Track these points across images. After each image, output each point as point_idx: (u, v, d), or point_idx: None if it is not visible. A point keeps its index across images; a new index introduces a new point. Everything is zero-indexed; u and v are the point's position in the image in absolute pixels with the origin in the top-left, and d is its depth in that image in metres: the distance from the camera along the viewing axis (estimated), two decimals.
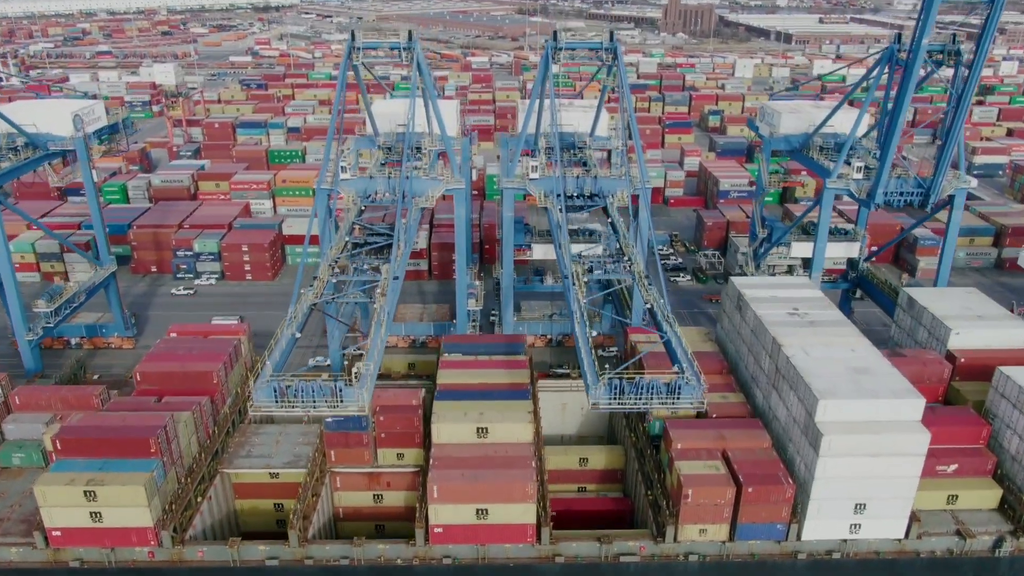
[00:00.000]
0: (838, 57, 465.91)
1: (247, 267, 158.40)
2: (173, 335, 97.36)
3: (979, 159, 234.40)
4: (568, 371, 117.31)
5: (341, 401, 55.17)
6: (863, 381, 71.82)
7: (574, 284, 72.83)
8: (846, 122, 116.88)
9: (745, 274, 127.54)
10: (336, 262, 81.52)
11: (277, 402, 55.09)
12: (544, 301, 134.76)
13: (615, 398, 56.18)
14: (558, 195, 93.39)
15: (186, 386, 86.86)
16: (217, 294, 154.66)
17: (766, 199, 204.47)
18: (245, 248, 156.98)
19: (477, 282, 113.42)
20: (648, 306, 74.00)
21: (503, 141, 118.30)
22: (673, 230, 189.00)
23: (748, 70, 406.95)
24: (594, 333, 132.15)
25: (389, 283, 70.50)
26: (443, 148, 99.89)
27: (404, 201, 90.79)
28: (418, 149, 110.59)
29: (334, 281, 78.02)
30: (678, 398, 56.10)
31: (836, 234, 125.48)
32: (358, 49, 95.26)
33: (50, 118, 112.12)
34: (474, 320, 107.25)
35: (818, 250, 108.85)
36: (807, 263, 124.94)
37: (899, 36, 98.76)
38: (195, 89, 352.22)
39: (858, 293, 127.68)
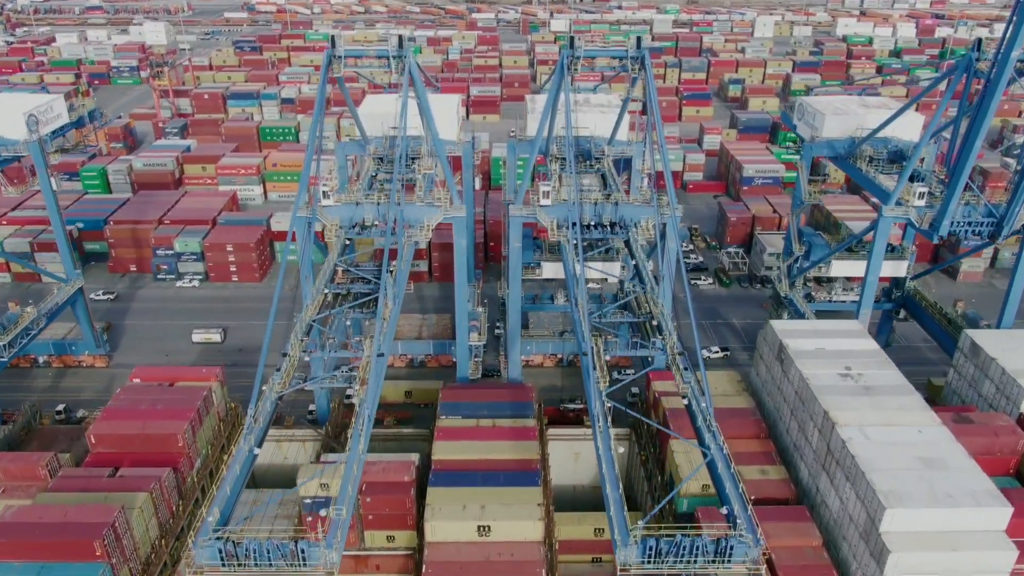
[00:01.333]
0: (862, 14, 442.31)
1: (232, 268, 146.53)
2: (136, 381, 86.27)
3: None
4: (580, 406, 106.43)
5: (304, 563, 44.14)
6: (936, 480, 60.38)
7: (595, 367, 60.80)
8: (900, 127, 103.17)
9: (778, 294, 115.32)
10: (305, 336, 68.24)
11: (224, 564, 44.10)
12: (554, 314, 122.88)
13: (650, 560, 44.92)
14: (573, 224, 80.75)
15: (148, 449, 76.44)
16: (200, 298, 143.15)
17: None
18: (230, 248, 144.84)
19: (480, 309, 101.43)
20: (685, 401, 61.95)
21: (510, 147, 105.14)
22: (692, 222, 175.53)
23: (768, 28, 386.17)
24: (607, 356, 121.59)
25: (372, 362, 58.63)
26: (440, 175, 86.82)
27: (395, 233, 78.44)
28: (414, 160, 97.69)
29: (307, 358, 65.94)
30: (729, 560, 44.90)
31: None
32: (339, 58, 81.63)
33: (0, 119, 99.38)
34: (476, 357, 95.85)
35: (868, 285, 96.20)
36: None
37: (979, 43, 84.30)
38: (186, 51, 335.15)
39: (901, 313, 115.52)
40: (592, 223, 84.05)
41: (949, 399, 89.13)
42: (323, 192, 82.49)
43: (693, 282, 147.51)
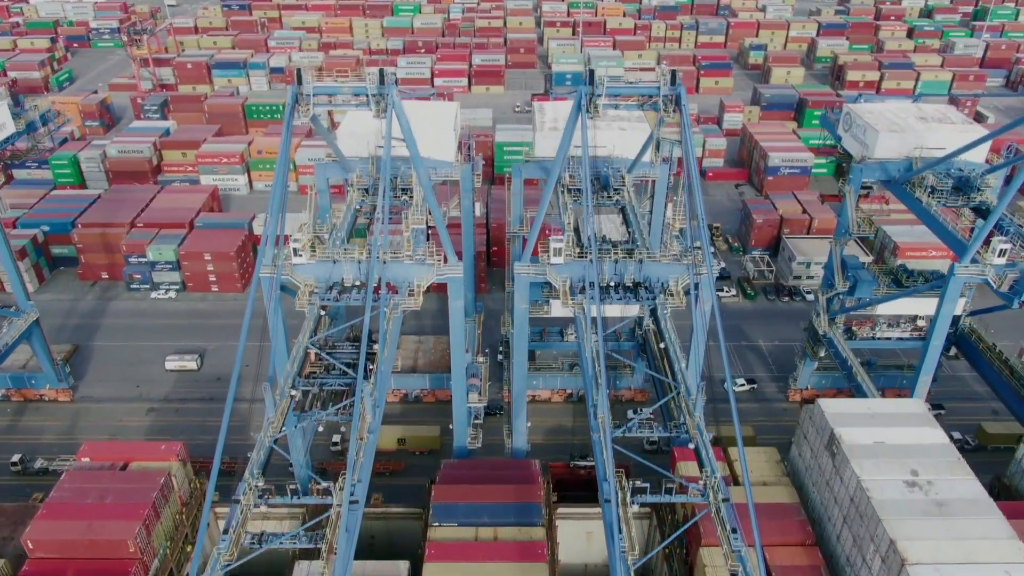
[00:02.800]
0: None
1: (212, 277, 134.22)
2: (85, 460, 75.14)
3: None
4: (592, 463, 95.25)
5: None
6: None
7: (619, 530, 49.05)
8: (963, 146, 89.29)
9: (814, 328, 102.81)
10: (260, 476, 55.52)
11: None
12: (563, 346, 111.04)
13: None
14: (591, 283, 68.18)
15: (92, 554, 66.02)
16: (176, 313, 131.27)
17: (816, 168, 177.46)
18: (208, 257, 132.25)
19: (480, 361, 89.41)
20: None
21: (515, 170, 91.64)
22: (713, 217, 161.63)
23: None
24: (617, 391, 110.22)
25: (344, 511, 46.93)
26: (429, 220, 73.75)
27: (377, 299, 66.10)
28: (404, 191, 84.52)
29: (264, 506, 53.97)
30: None
31: (930, 277, 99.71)
32: (306, 97, 67.93)
33: None
34: (476, 419, 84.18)
35: (927, 360, 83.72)
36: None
37: None
38: (170, 7, 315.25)
39: (952, 351, 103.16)
40: (612, 283, 71.23)
41: (1019, 484, 77.66)
42: (294, 249, 69.65)
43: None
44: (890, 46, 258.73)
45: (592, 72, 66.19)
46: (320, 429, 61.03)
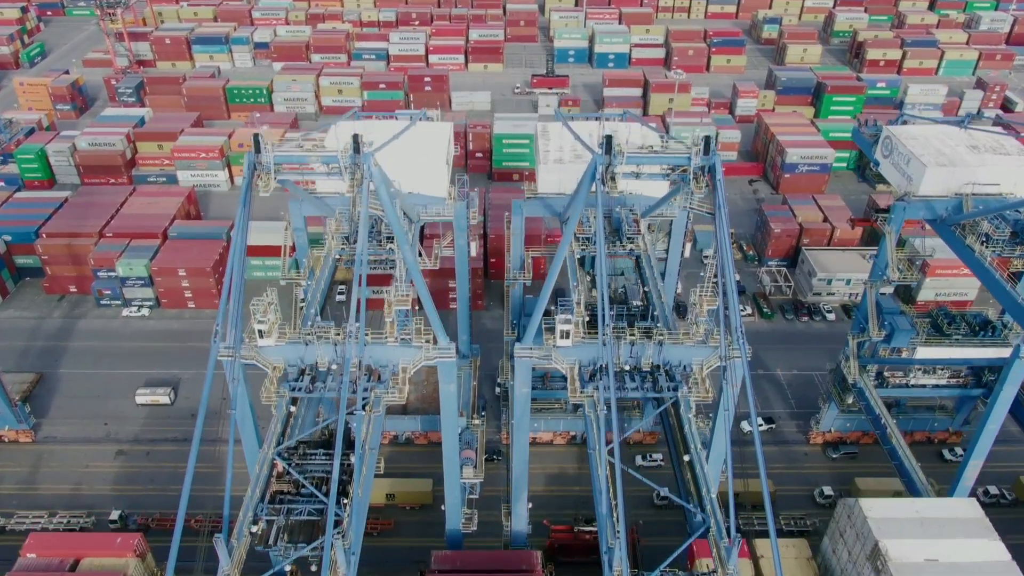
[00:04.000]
0: None
1: (188, 294, 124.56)
2: (30, 556, 66.77)
3: None
4: (595, 529, 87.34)
5: None
6: None
7: None
8: (1016, 179, 79.40)
9: (842, 374, 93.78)
10: None
11: None
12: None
13: None
14: (603, 367, 58.99)
15: None
16: (149, 333, 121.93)
17: (836, 164, 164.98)
18: (182, 272, 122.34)
19: (476, 423, 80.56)
20: None
21: (515, 207, 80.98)
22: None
23: None
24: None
25: None
26: (413, 291, 63.88)
27: (357, 390, 56.91)
28: (390, 239, 74.49)
29: None
30: None
31: (973, 323, 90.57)
32: (266, 167, 57.56)
33: None
34: (471, 494, 75.70)
35: (978, 447, 74.87)
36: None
37: None
38: None
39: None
40: (628, 367, 61.88)
41: None
42: (258, 331, 60.05)
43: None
44: (912, 20, 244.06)
45: (609, 139, 55.41)
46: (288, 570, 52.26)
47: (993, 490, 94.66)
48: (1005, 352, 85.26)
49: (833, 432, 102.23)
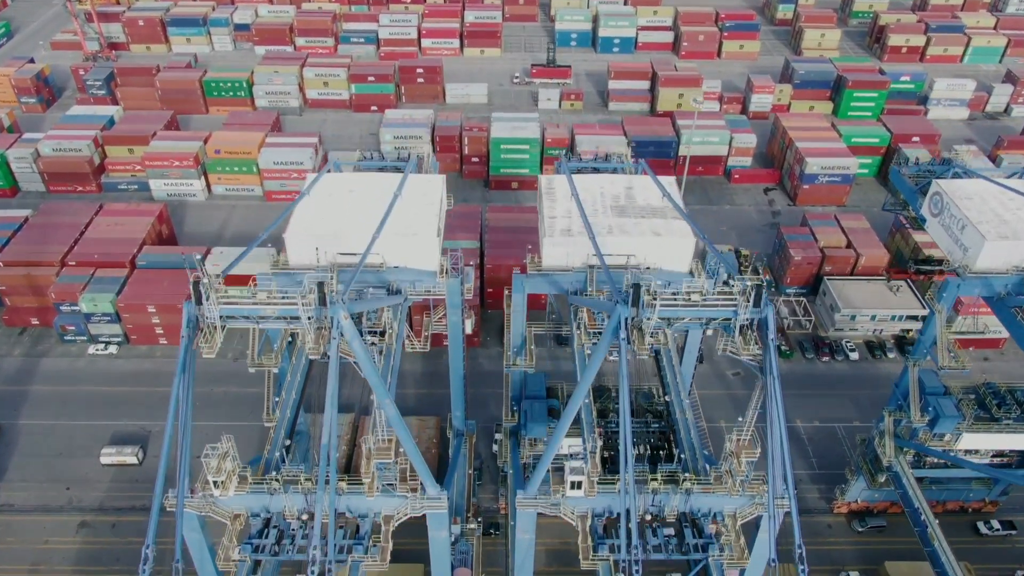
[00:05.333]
0: None
1: (159, 330, 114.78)
2: None
3: None
4: None
5: None
6: None
7: None
8: None
9: (875, 453, 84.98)
10: None
11: None
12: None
13: None
14: (619, 512, 50.07)
15: None
16: (118, 375, 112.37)
17: (859, 171, 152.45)
18: (152, 308, 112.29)
19: (472, 527, 71.81)
20: None
21: (516, 282, 70.55)
22: (740, 236, 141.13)
23: None
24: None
25: None
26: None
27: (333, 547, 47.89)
28: (374, 334, 64.67)
29: None
30: None
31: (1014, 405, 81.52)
32: (209, 321, 47.25)
33: None
34: None
35: None
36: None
37: None
38: None
39: None
40: (649, 514, 52.81)
41: None
42: (212, 483, 50.63)
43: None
44: (936, 0, 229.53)
45: (637, 288, 45.21)
46: None
47: None
48: None
49: (860, 502, 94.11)
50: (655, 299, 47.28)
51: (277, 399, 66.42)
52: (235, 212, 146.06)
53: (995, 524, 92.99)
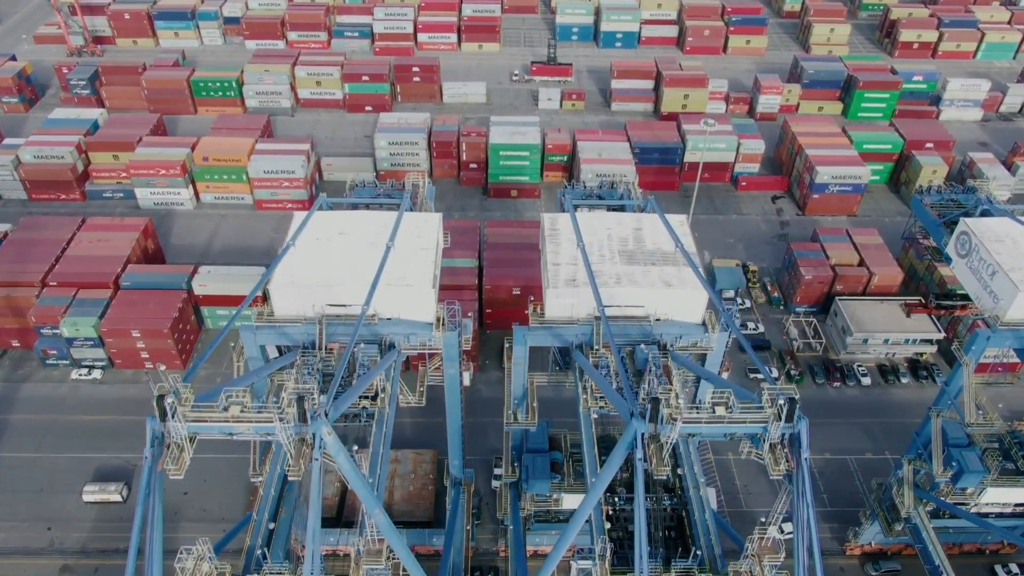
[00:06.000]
0: None
1: (144, 354, 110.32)
2: None
3: None
4: None
5: None
6: None
7: None
8: None
9: (893, 503, 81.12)
10: None
11: None
12: None
13: None
14: None
15: None
16: (102, 402, 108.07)
17: (873, 178, 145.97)
18: (136, 333, 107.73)
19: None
20: None
21: (517, 335, 65.89)
22: (748, 248, 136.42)
23: None
24: None
25: None
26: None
27: None
28: (366, 397, 60.29)
29: None
30: None
31: None
32: (175, 437, 42.60)
33: None
34: None
35: None
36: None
37: None
38: None
39: None
40: None
41: None
42: None
43: (752, 373, 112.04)
44: None
45: (656, 404, 40.58)
46: None
47: None
48: None
49: (874, 545, 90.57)
50: (676, 413, 42.60)
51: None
52: (224, 222, 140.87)
53: (1014, 568, 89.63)
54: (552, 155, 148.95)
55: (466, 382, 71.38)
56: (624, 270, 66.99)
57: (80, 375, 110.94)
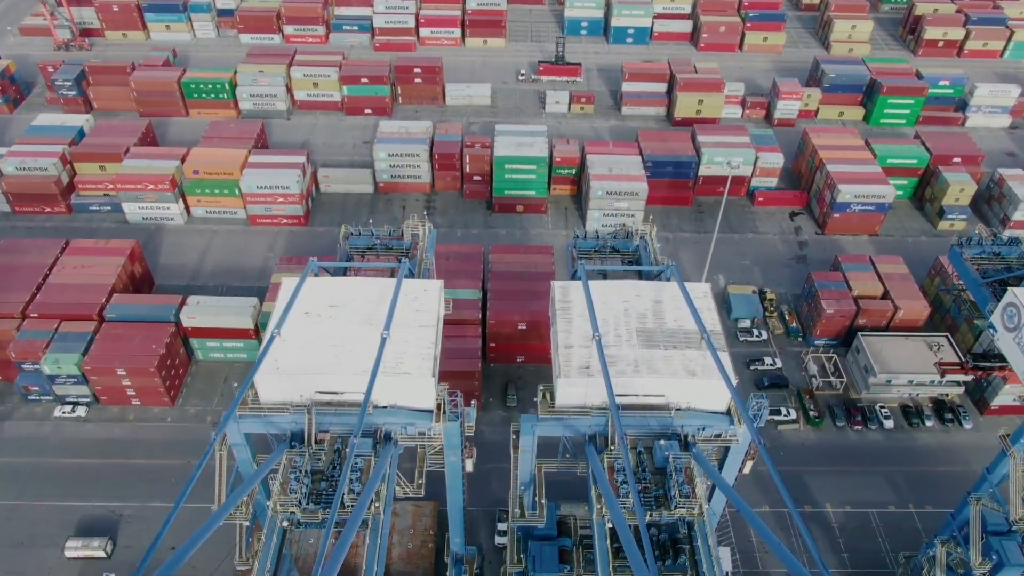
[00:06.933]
0: None
1: (131, 391, 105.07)
2: None
3: None
4: None
5: None
6: None
7: None
8: None
9: (924, 556, 76.06)
10: None
11: None
12: None
13: None
14: None
15: None
16: (86, 443, 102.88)
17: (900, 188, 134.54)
18: (121, 372, 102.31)
19: None
20: None
21: (525, 424, 60.05)
22: (764, 273, 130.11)
23: None
24: None
25: None
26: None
27: None
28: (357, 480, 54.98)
29: None
30: None
31: None
32: None
33: None
34: None
35: None
36: None
37: None
38: None
39: None
40: None
41: None
42: None
43: (771, 416, 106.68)
44: None
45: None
46: None
47: None
48: None
49: None
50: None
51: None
52: (216, 238, 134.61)
53: None
54: (560, 168, 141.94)
55: (468, 468, 65.75)
56: (643, 355, 61.09)
57: (64, 412, 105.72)
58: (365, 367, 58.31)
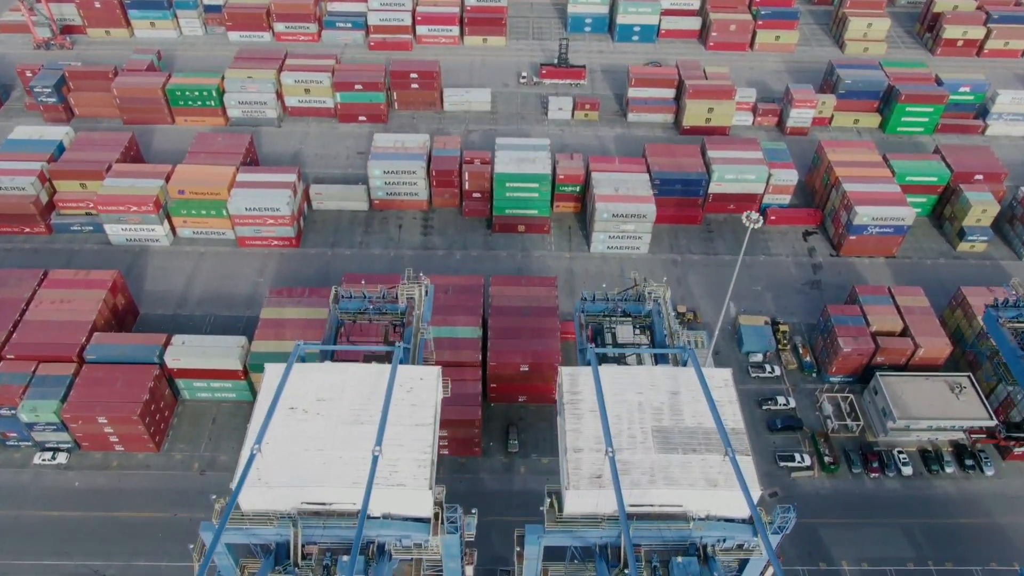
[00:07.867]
0: None
1: (114, 437, 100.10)
2: None
3: None
4: None
5: None
6: None
7: None
8: None
9: None
10: None
11: None
12: None
13: None
14: None
15: None
16: (67, 494, 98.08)
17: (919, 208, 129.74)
18: (103, 420, 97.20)
19: None
20: None
21: (530, 535, 54.86)
22: (775, 300, 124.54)
23: None
24: None
25: None
26: None
27: None
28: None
29: None
30: None
31: None
32: None
33: None
34: None
35: None
36: None
37: None
38: None
39: None
40: None
41: None
42: None
43: (784, 461, 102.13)
44: None
45: None
46: None
47: None
48: None
49: None
50: None
51: None
52: (204, 261, 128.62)
53: None
54: (563, 185, 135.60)
55: (468, 574, 60.98)
56: (659, 461, 55.90)
57: (44, 460, 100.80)
58: (355, 477, 53.29)
